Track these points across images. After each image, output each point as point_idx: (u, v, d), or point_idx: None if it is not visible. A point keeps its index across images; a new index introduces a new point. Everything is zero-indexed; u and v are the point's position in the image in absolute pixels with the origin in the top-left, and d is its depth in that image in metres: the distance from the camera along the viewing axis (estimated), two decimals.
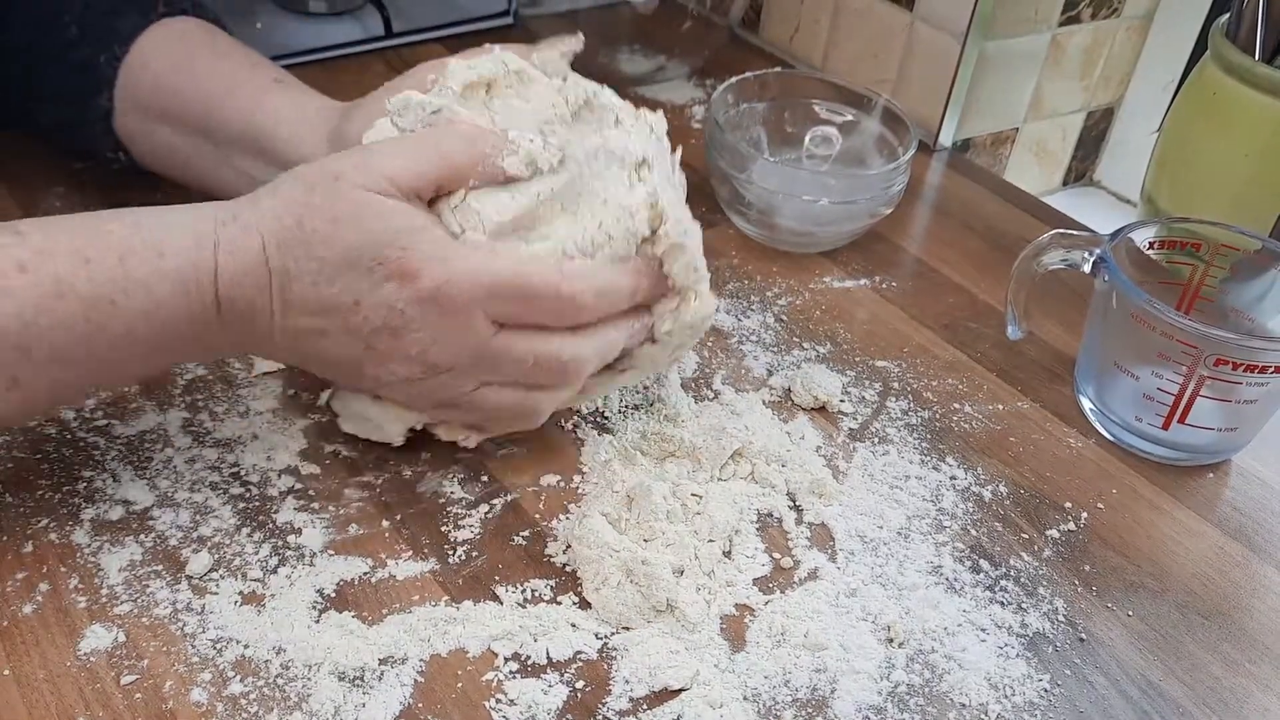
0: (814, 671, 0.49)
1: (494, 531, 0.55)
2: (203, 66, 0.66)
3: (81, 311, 0.47)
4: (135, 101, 0.67)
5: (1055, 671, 0.51)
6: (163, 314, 0.48)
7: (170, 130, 0.67)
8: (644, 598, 0.50)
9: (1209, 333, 0.57)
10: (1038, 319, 0.71)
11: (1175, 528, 0.59)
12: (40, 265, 0.46)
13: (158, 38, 0.67)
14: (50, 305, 0.46)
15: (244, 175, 0.65)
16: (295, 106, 0.64)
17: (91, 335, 0.47)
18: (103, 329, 0.47)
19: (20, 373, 0.47)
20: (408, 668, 0.48)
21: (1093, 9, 0.89)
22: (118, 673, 0.47)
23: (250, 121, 0.64)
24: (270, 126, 0.64)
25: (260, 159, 0.64)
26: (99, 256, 0.47)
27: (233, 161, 0.66)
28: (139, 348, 0.49)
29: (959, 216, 0.83)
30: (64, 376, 0.48)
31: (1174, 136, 0.79)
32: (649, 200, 0.53)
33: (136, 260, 0.48)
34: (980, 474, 0.61)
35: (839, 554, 0.55)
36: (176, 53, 0.67)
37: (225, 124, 0.65)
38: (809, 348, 0.68)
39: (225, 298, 0.49)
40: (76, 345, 0.47)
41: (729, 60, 0.97)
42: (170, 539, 0.52)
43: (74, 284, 0.47)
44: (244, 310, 0.49)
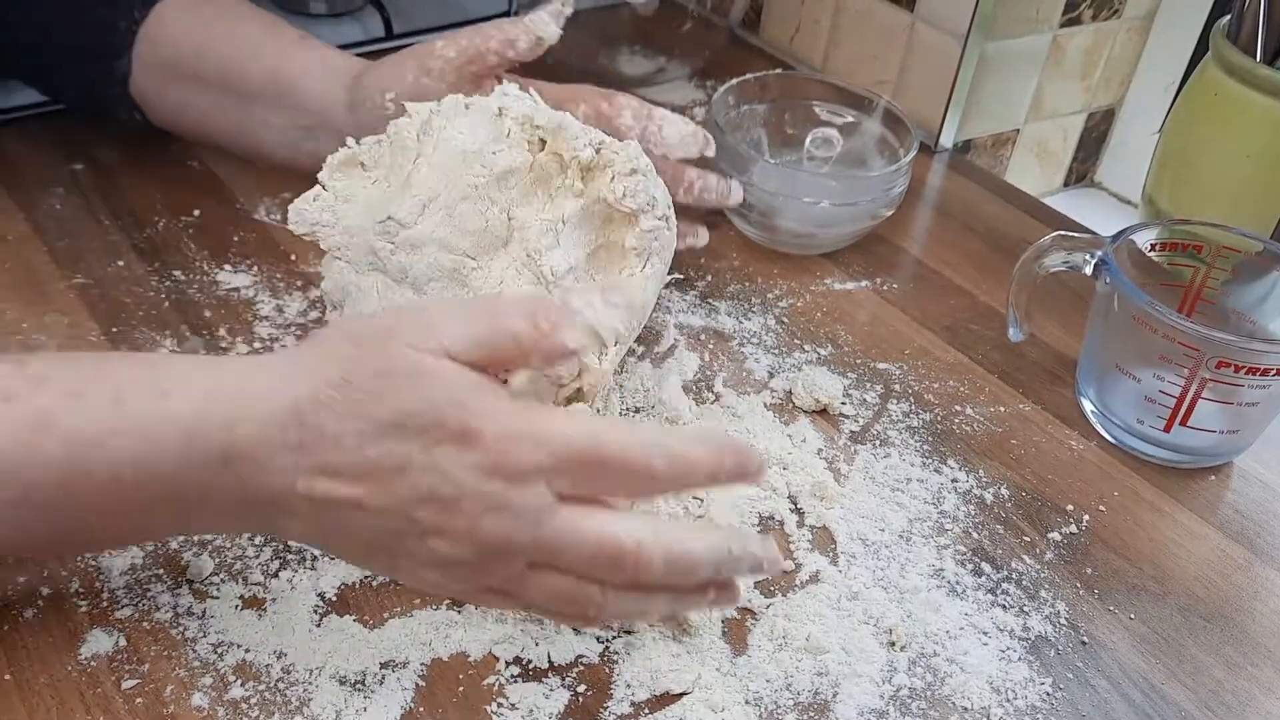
0: (816, 675, 0.49)
1: None
2: (224, 27, 0.70)
3: (62, 450, 0.42)
4: (153, 63, 0.70)
5: (1057, 675, 0.51)
6: (155, 464, 0.42)
7: (189, 89, 0.70)
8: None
9: (1210, 335, 0.57)
10: (1039, 321, 0.71)
11: (1177, 530, 0.59)
12: (28, 396, 0.42)
13: (174, 3, 0.70)
14: (28, 439, 0.41)
15: (265, 125, 0.70)
16: (321, 60, 0.69)
17: (71, 479, 0.42)
18: (86, 474, 0.42)
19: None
20: (409, 671, 0.48)
21: (1094, 10, 0.89)
22: (119, 677, 0.47)
23: (276, 75, 0.68)
24: (297, 79, 0.68)
25: (285, 109, 0.69)
26: (94, 391, 0.43)
27: (255, 114, 0.70)
28: (126, 501, 0.43)
29: (960, 218, 0.83)
30: (36, 524, 0.43)
31: (1175, 138, 0.79)
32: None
33: (135, 400, 0.43)
34: (982, 476, 0.61)
35: (840, 557, 0.55)
36: (196, 15, 0.70)
37: (249, 79, 0.69)
38: (810, 350, 0.68)
39: (239, 452, 0.43)
40: (53, 489, 0.42)
41: (729, 61, 0.97)
42: (171, 542, 0.52)
43: (59, 418, 0.42)
44: (259, 472, 0.43)
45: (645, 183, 0.56)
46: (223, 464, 0.43)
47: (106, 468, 0.42)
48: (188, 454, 0.43)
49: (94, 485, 0.42)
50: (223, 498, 0.44)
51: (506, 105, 0.58)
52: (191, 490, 0.43)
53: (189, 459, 0.43)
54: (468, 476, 0.42)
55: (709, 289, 0.73)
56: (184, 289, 0.68)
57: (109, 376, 0.44)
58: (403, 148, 0.58)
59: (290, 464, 0.43)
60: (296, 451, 0.43)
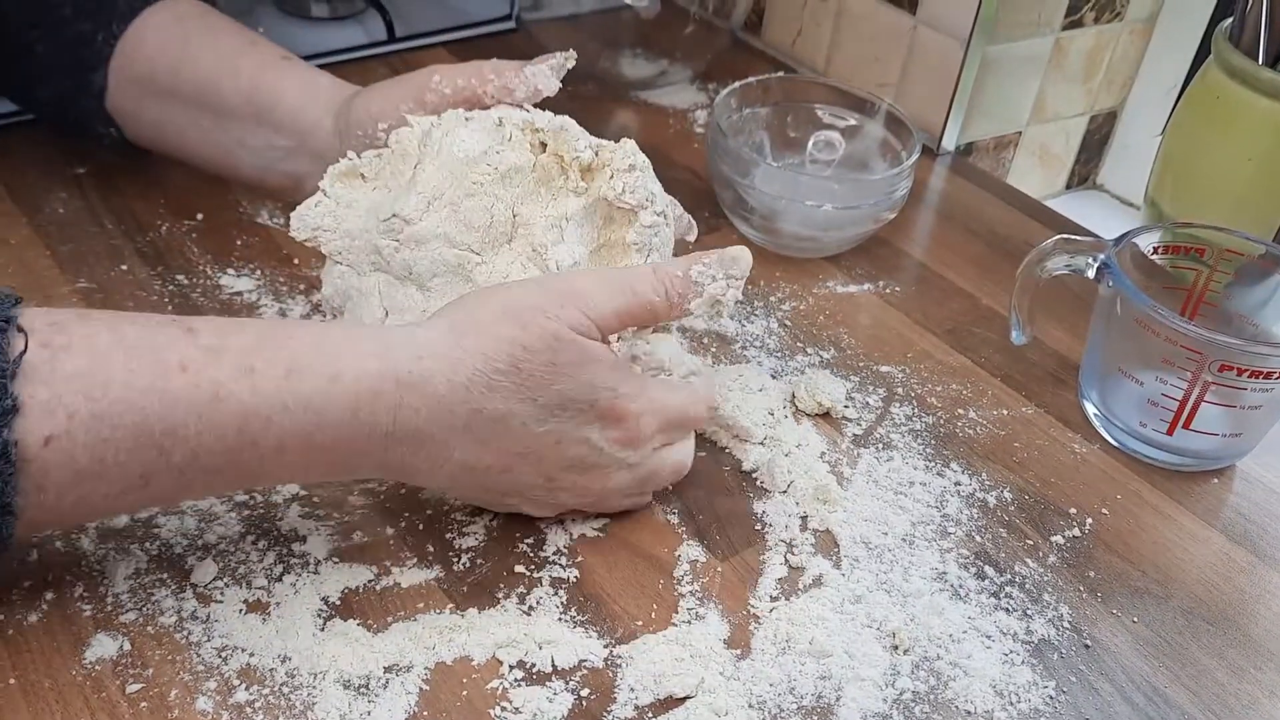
0: (819, 679, 0.49)
1: (498, 539, 0.55)
2: (203, 43, 0.68)
3: (235, 423, 0.44)
4: (130, 78, 0.68)
5: (1060, 678, 0.51)
6: (323, 435, 0.46)
7: (165, 105, 0.68)
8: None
9: (1213, 338, 0.57)
10: (1042, 324, 0.71)
11: (1180, 533, 0.59)
12: (202, 367, 0.44)
13: (154, 19, 0.69)
14: (205, 411, 0.44)
15: (242, 144, 0.67)
16: (302, 80, 0.67)
17: (241, 448, 0.45)
18: (254, 444, 0.45)
19: (154, 472, 0.44)
20: (413, 676, 0.48)
21: (1096, 12, 0.89)
22: (123, 681, 0.47)
23: (255, 93, 0.66)
24: (276, 97, 0.66)
25: (263, 130, 0.66)
26: (265, 368, 0.45)
27: (232, 133, 0.67)
28: (287, 463, 0.46)
29: (962, 221, 0.83)
30: (199, 481, 0.46)
31: (1177, 140, 0.79)
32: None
33: (305, 377, 0.45)
34: (985, 480, 0.61)
35: (843, 560, 0.55)
36: (174, 31, 0.68)
37: (228, 96, 0.67)
38: (813, 353, 0.68)
39: (402, 430, 0.47)
40: (220, 455, 0.45)
41: (731, 64, 0.97)
42: (175, 547, 0.52)
43: (235, 391, 0.44)
44: (419, 443, 0.48)
45: (643, 178, 0.57)
46: (383, 437, 0.47)
47: (274, 440, 0.45)
48: (353, 431, 0.46)
49: (259, 454, 0.45)
50: (375, 460, 0.48)
51: (505, 115, 0.59)
52: (347, 458, 0.47)
53: (353, 435, 0.46)
54: (611, 448, 0.51)
55: None
56: (187, 293, 0.68)
57: (279, 350, 0.46)
58: (404, 154, 0.58)
59: (453, 439, 0.48)
60: (461, 430, 0.48)
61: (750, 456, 0.60)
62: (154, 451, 0.44)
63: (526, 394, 0.48)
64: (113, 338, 0.44)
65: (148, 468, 0.44)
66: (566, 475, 0.52)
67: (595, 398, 0.50)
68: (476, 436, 0.48)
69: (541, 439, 0.49)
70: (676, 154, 0.87)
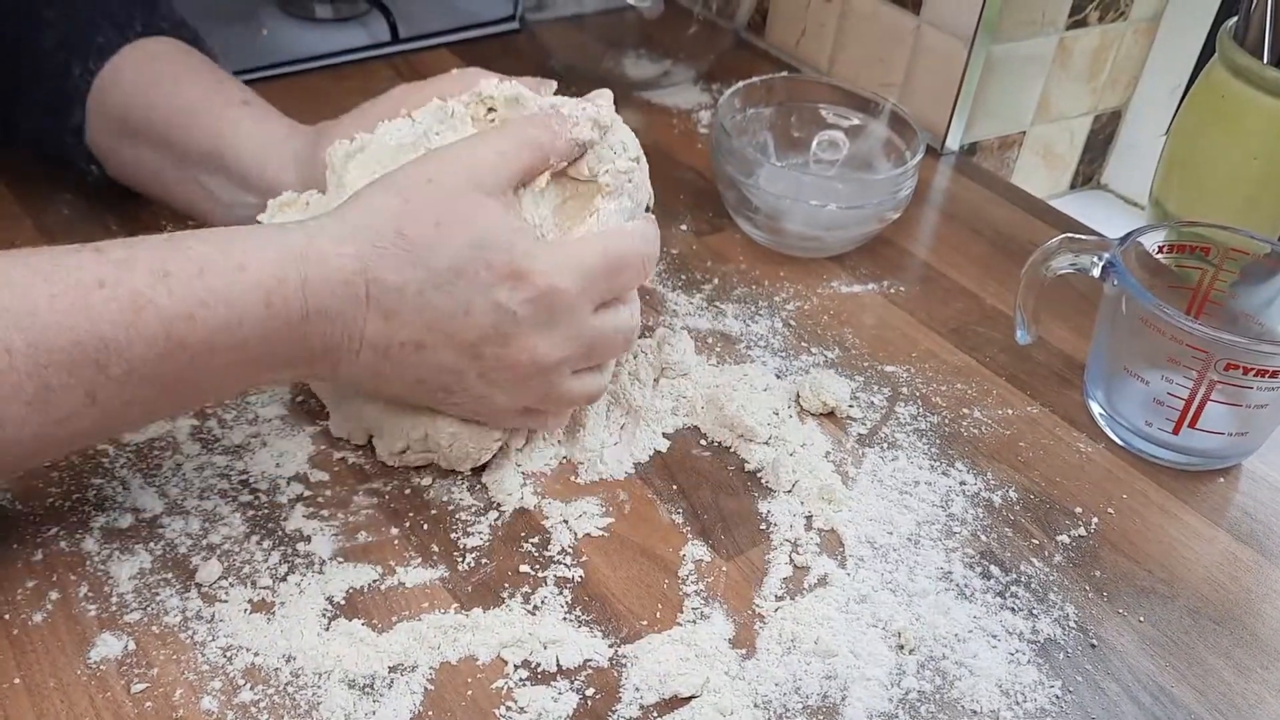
0: (825, 678, 0.49)
1: (503, 538, 0.55)
2: (169, 88, 0.66)
3: (160, 327, 0.46)
4: (106, 118, 0.68)
5: (1066, 678, 0.51)
6: (244, 328, 0.47)
7: (139, 147, 0.68)
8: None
9: (1219, 337, 0.56)
10: (1046, 323, 0.71)
11: (1186, 533, 0.59)
12: (119, 280, 0.45)
13: (130, 57, 0.67)
14: (129, 320, 0.45)
15: (209, 194, 0.66)
16: (260, 128, 0.65)
17: (171, 351, 0.46)
18: (183, 344, 0.46)
19: (98, 389, 0.45)
20: (418, 675, 0.48)
21: (1100, 12, 0.89)
22: (128, 681, 0.47)
23: (215, 143, 0.65)
24: (234, 147, 0.64)
25: (225, 178, 0.65)
26: (178, 270, 0.46)
27: (199, 179, 0.66)
28: (219, 364, 0.48)
29: (966, 220, 0.83)
30: (142, 394, 0.47)
31: (1182, 140, 0.79)
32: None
33: (216, 273, 0.47)
34: (990, 479, 0.60)
35: (849, 560, 0.55)
36: (146, 73, 0.67)
37: (190, 144, 0.66)
38: (817, 353, 0.68)
39: (314, 310, 0.48)
40: (156, 361, 0.46)
41: (735, 64, 0.97)
42: (180, 547, 0.52)
43: (153, 298, 0.45)
44: (331, 324, 0.49)
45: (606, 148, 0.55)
46: (301, 320, 0.48)
47: (200, 338, 0.46)
48: (270, 317, 0.47)
49: (190, 355, 0.47)
50: (299, 350, 0.49)
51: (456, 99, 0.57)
52: (272, 349, 0.48)
53: (272, 321, 0.47)
54: (524, 310, 0.50)
55: (716, 292, 0.73)
56: None
57: (188, 254, 0.47)
58: (333, 167, 0.57)
59: (359, 315, 0.49)
60: (364, 304, 0.48)
61: (755, 456, 0.60)
62: (92, 368, 0.45)
63: (417, 258, 0.48)
64: (27, 269, 0.45)
65: (90, 385, 0.45)
66: (488, 348, 0.50)
67: (490, 257, 0.49)
68: (380, 308, 0.49)
69: (446, 308, 0.49)
70: (680, 154, 0.87)
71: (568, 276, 0.51)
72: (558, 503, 0.57)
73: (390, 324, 0.49)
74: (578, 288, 0.51)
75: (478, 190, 0.50)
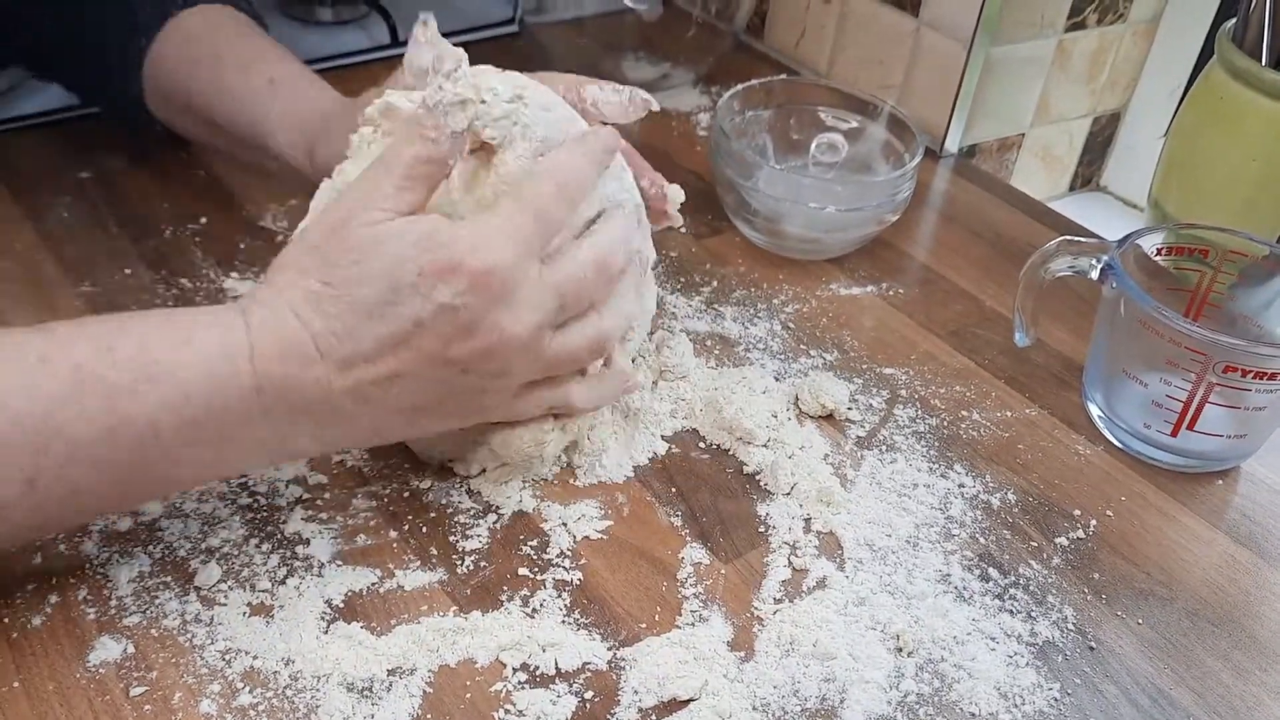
0: (823, 681, 0.49)
1: (502, 541, 0.55)
2: (205, 73, 0.70)
3: (103, 401, 0.44)
4: (157, 90, 0.73)
5: (1065, 680, 0.51)
6: (192, 405, 0.45)
7: (191, 124, 0.73)
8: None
9: (1217, 339, 0.56)
10: (1045, 325, 0.71)
11: (1185, 535, 0.59)
12: (61, 356, 0.44)
13: (173, 35, 0.71)
14: (69, 395, 0.44)
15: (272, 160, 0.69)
16: (287, 108, 0.68)
17: (114, 430, 0.44)
18: (127, 421, 0.44)
19: (38, 473, 0.44)
20: (416, 678, 0.48)
21: (1099, 14, 0.89)
22: (127, 684, 0.47)
23: (253, 130, 0.68)
24: (265, 130, 0.68)
25: (265, 156, 0.69)
26: (122, 345, 0.45)
27: (251, 154, 0.71)
28: (168, 447, 0.46)
29: (965, 223, 0.83)
30: (84, 480, 0.45)
31: (1181, 142, 0.79)
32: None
33: (160, 346, 0.46)
34: (988, 482, 0.60)
35: (847, 563, 0.55)
36: (185, 54, 0.71)
37: (234, 129, 0.69)
38: (816, 355, 0.68)
39: (265, 376, 0.46)
40: (98, 442, 0.44)
41: (734, 67, 0.97)
42: (179, 550, 0.52)
43: (95, 371, 0.44)
44: (291, 388, 0.47)
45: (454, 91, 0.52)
46: (256, 393, 0.47)
47: (144, 415, 0.45)
48: (219, 391, 0.46)
49: (135, 433, 0.45)
50: (269, 424, 0.48)
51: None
52: (233, 425, 0.47)
53: (222, 396, 0.46)
54: (468, 299, 0.48)
55: (714, 295, 0.73)
56: (191, 297, 0.68)
57: (133, 331, 0.46)
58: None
59: (320, 373, 0.47)
60: (319, 359, 0.47)
61: (753, 459, 0.60)
62: (30, 451, 0.43)
63: (350, 299, 0.47)
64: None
65: (29, 469, 0.44)
66: (459, 347, 0.49)
67: (415, 266, 0.47)
68: (337, 359, 0.47)
69: (397, 332, 0.47)
70: (679, 157, 0.87)
71: (496, 248, 0.48)
72: (556, 506, 0.57)
73: (353, 371, 0.48)
74: (512, 253, 0.49)
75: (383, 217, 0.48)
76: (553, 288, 0.51)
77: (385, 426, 0.51)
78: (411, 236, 0.48)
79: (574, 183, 0.52)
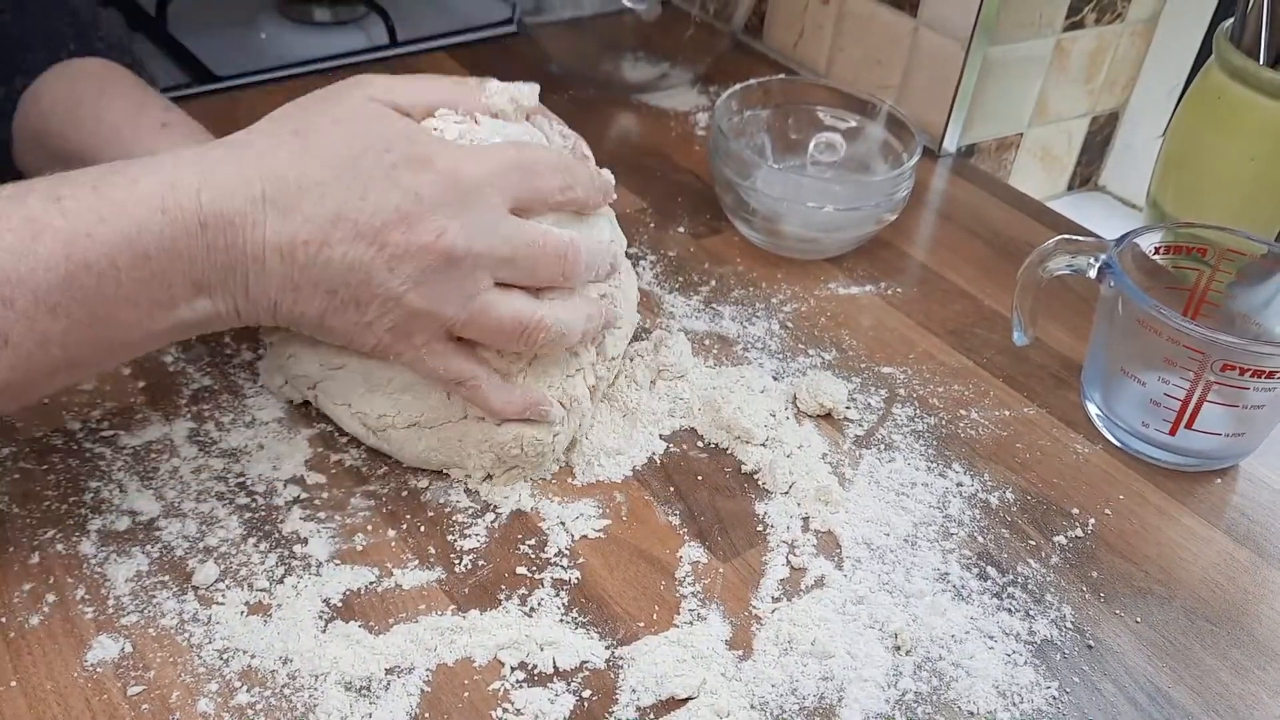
0: (821, 679, 0.49)
1: (500, 540, 0.55)
2: (88, 110, 0.64)
3: (60, 248, 0.45)
4: (29, 136, 0.65)
5: (1063, 678, 0.51)
6: (144, 241, 0.46)
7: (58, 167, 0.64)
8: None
9: (1215, 338, 0.56)
10: (1044, 324, 0.71)
11: (1183, 534, 0.59)
12: (12, 211, 0.45)
13: (56, 77, 0.65)
14: (27, 248, 0.44)
15: None
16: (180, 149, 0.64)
17: (74, 274, 0.45)
18: (85, 265, 0.45)
19: (9, 327, 0.45)
20: (414, 677, 0.48)
21: (1097, 14, 0.89)
22: (124, 683, 0.47)
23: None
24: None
25: None
26: (71, 192, 0.46)
27: None
28: (126, 287, 0.46)
29: (964, 222, 0.83)
30: (53, 329, 0.46)
31: (1179, 141, 0.79)
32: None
33: (110, 187, 0.46)
34: (987, 480, 0.60)
35: (846, 561, 0.55)
36: (67, 94, 0.65)
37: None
38: (814, 354, 0.68)
39: (210, 214, 0.47)
40: (60, 288, 0.45)
41: (733, 67, 0.97)
42: (177, 549, 0.52)
43: (49, 221, 0.45)
44: (231, 225, 0.47)
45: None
46: (200, 228, 0.47)
47: (102, 255, 0.45)
48: (168, 224, 0.46)
49: (95, 276, 0.45)
50: (206, 265, 0.47)
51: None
52: (179, 263, 0.47)
53: (170, 229, 0.46)
54: (427, 190, 0.48)
55: (713, 294, 0.73)
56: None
57: (82, 176, 0.47)
58: None
59: (259, 216, 0.47)
60: (263, 203, 0.47)
61: (752, 458, 0.60)
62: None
63: (312, 152, 0.47)
64: None
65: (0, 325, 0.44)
66: (393, 234, 0.48)
67: (390, 145, 0.48)
68: (277, 206, 0.47)
69: (344, 196, 0.48)
70: (678, 156, 0.87)
71: (474, 164, 0.49)
72: (555, 504, 0.57)
73: (289, 220, 0.48)
74: (486, 173, 0.50)
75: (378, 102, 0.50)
76: (509, 235, 0.51)
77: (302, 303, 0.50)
78: (401, 125, 0.49)
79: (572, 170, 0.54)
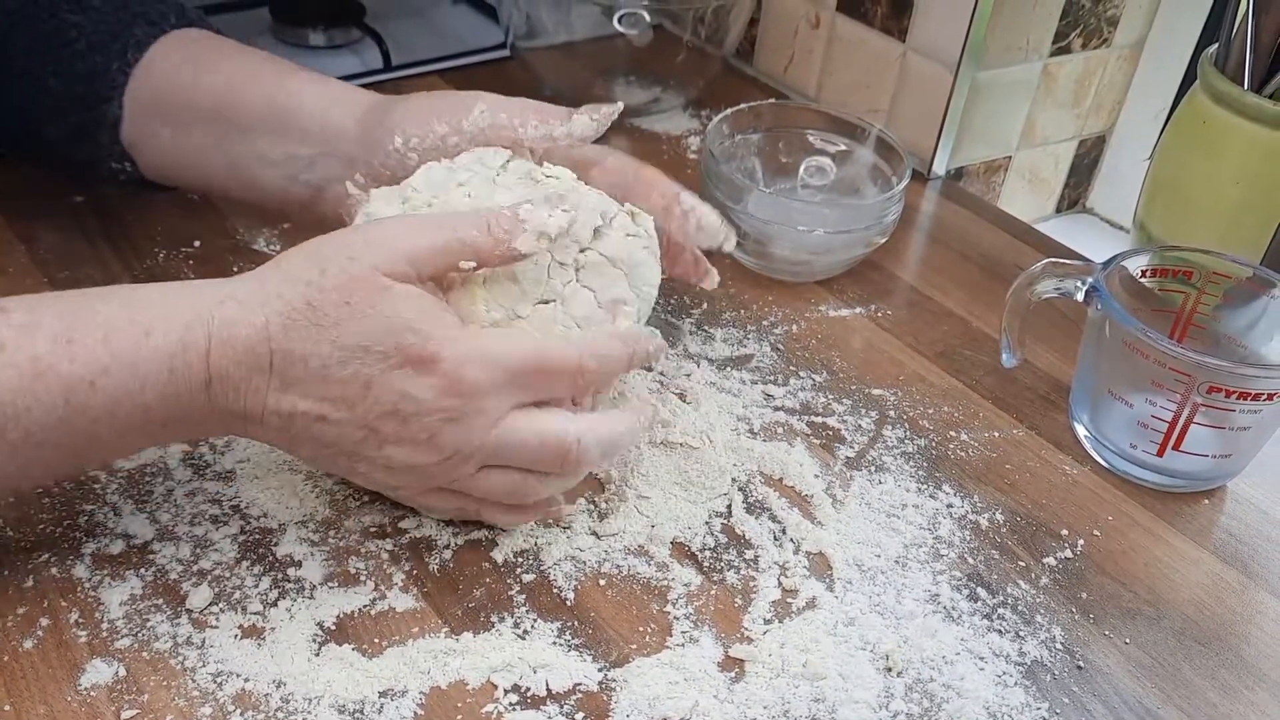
0: (813, 701, 0.50)
1: (494, 563, 0.55)
2: (217, 62, 0.66)
3: (61, 393, 0.45)
4: (144, 103, 0.66)
5: (1053, 699, 0.51)
6: (147, 395, 0.47)
7: (181, 127, 0.66)
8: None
9: (1202, 360, 0.57)
10: (1032, 346, 0.71)
11: (1171, 554, 0.59)
12: (20, 344, 0.45)
13: (166, 46, 0.67)
14: (28, 386, 0.45)
15: (260, 156, 0.65)
16: (323, 88, 0.65)
17: (70, 418, 0.46)
18: (82, 411, 0.46)
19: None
20: (408, 700, 0.48)
21: (1084, 39, 0.90)
22: (118, 707, 0.47)
23: (274, 101, 0.64)
24: (297, 102, 0.64)
25: (284, 138, 0.64)
26: (82, 336, 0.46)
27: (253, 145, 0.65)
28: (120, 429, 0.47)
29: (953, 244, 0.83)
30: (38, 457, 0.47)
31: (1165, 164, 0.80)
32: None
33: (121, 339, 0.46)
34: (977, 502, 0.61)
35: (837, 583, 0.55)
36: (187, 53, 0.67)
37: (246, 105, 0.64)
38: (805, 376, 0.69)
39: (216, 376, 0.47)
40: (54, 428, 0.46)
41: (724, 91, 0.98)
42: (171, 572, 0.52)
43: (54, 364, 0.45)
44: (235, 390, 0.48)
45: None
46: (203, 388, 0.48)
47: (101, 404, 0.46)
48: (173, 383, 0.47)
49: (90, 421, 0.46)
50: (202, 415, 0.49)
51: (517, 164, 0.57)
52: (176, 413, 0.48)
53: (175, 388, 0.47)
54: (426, 395, 0.48)
55: (704, 317, 0.73)
56: None
57: (94, 316, 0.47)
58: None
59: (263, 384, 0.48)
60: (268, 373, 0.48)
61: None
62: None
63: (323, 334, 0.47)
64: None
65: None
66: (387, 424, 0.49)
67: (398, 340, 0.47)
68: (283, 379, 0.48)
69: (348, 384, 0.48)
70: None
71: (481, 368, 0.48)
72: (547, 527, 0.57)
73: (290, 394, 0.48)
74: (490, 383, 0.49)
75: (395, 274, 0.48)
76: (502, 435, 0.50)
77: (297, 448, 0.51)
78: (411, 311, 0.48)
79: (597, 369, 0.51)
